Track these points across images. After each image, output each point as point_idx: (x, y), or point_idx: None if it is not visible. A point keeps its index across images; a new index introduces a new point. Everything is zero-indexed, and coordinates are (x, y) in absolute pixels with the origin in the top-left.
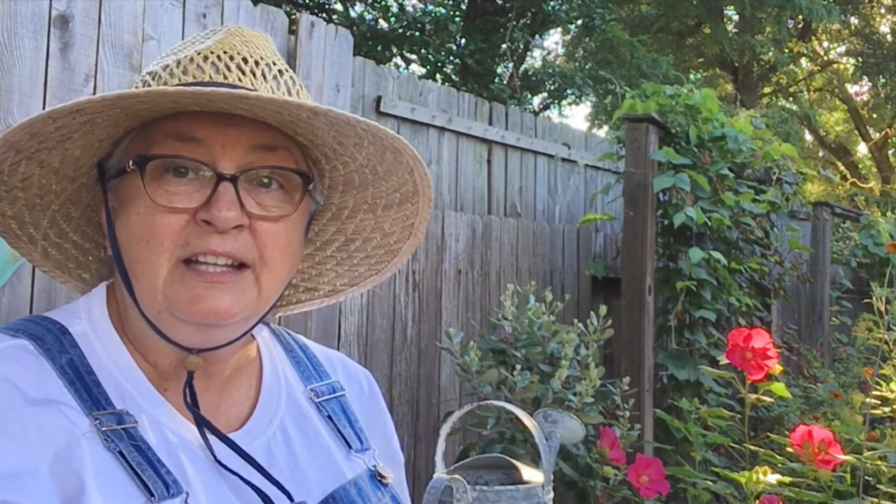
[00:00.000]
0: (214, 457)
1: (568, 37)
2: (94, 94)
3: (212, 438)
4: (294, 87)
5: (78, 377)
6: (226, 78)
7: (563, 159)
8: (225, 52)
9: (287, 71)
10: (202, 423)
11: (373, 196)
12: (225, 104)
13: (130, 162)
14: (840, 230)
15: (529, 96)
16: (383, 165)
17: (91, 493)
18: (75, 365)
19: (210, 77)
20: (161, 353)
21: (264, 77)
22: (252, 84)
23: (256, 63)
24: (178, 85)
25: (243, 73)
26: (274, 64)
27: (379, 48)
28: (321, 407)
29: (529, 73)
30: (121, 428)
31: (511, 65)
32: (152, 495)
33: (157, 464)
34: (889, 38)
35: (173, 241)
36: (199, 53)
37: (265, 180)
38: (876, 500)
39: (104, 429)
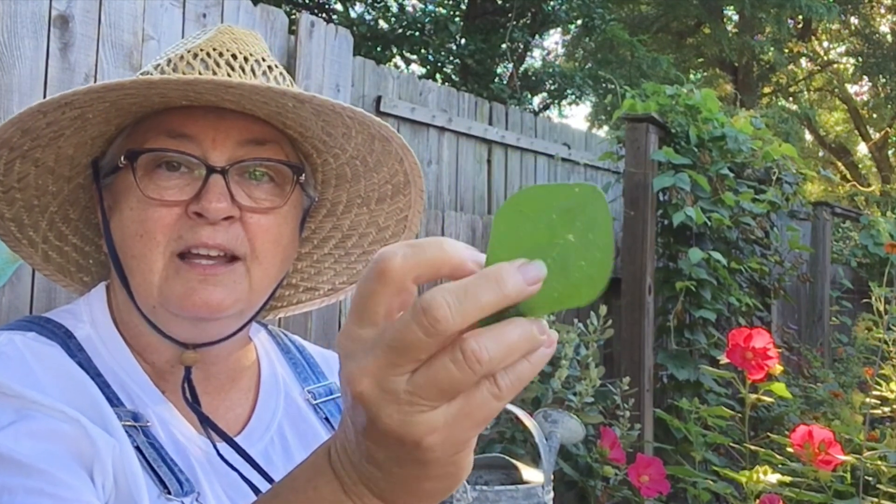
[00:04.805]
0: (218, 452)
1: (568, 37)
2: None
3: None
4: (284, 82)
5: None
6: (215, 73)
7: (563, 159)
8: (214, 49)
9: (277, 67)
10: (204, 420)
11: (365, 189)
12: (211, 94)
13: (122, 157)
14: (840, 230)
15: (529, 96)
16: (373, 156)
17: (131, 480)
18: (84, 368)
19: (199, 73)
20: (157, 350)
21: (253, 72)
22: (241, 79)
23: (245, 59)
24: None
25: (232, 69)
26: (263, 60)
27: (379, 48)
28: (318, 409)
29: (529, 73)
30: (137, 425)
31: (511, 65)
32: (168, 491)
33: (171, 462)
34: (889, 38)
35: (166, 235)
36: (188, 51)
37: (256, 173)
38: (876, 500)
39: (122, 423)
